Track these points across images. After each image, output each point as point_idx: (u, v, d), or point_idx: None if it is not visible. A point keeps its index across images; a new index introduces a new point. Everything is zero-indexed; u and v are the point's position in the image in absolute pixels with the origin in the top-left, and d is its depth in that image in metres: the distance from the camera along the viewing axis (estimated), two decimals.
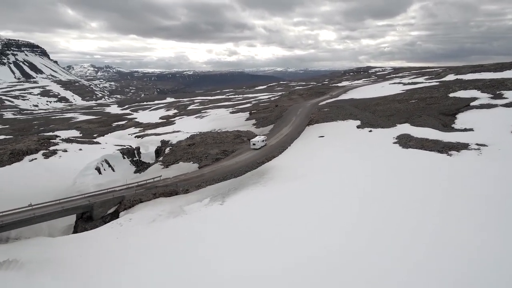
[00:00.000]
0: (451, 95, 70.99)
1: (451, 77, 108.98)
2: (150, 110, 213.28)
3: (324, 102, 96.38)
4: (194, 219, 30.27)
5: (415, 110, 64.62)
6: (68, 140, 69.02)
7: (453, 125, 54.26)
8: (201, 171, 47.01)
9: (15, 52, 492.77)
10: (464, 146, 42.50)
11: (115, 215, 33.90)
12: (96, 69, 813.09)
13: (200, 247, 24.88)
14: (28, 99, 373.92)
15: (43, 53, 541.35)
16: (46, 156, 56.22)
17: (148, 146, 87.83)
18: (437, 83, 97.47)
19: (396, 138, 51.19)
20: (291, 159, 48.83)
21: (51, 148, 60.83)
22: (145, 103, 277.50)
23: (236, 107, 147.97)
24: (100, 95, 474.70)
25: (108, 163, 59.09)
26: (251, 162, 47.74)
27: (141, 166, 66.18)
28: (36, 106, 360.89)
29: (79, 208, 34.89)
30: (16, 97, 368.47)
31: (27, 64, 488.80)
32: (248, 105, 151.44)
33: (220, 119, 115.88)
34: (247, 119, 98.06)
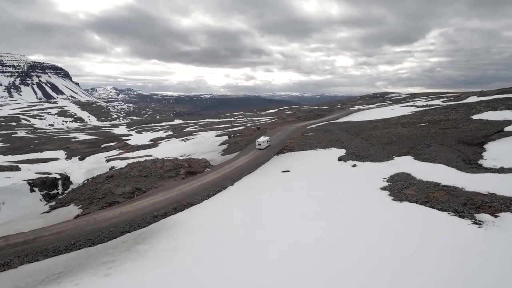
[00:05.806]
0: (475, 117, 51.12)
1: (473, 99, 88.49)
2: (152, 132, 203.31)
3: (314, 126, 78.27)
4: None
5: (423, 137, 45.27)
6: None
7: (480, 161, 34.28)
8: (68, 224, 29.79)
9: (39, 74, 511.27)
10: (506, 204, 23.04)
11: None
12: (117, 92, 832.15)
13: None
14: (44, 119, 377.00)
15: (66, 75, 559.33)
16: None
17: (96, 174, 72.51)
18: (457, 103, 77.40)
19: (387, 181, 32.22)
20: (212, 209, 30.83)
21: None
22: (152, 124, 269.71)
23: (226, 130, 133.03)
24: (115, 116, 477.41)
25: None
26: (146, 213, 30.14)
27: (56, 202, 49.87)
28: (52, 125, 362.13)
29: None
30: (33, 116, 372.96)
31: (49, 86, 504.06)
32: (242, 127, 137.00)
33: (198, 143, 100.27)
34: (222, 143, 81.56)
